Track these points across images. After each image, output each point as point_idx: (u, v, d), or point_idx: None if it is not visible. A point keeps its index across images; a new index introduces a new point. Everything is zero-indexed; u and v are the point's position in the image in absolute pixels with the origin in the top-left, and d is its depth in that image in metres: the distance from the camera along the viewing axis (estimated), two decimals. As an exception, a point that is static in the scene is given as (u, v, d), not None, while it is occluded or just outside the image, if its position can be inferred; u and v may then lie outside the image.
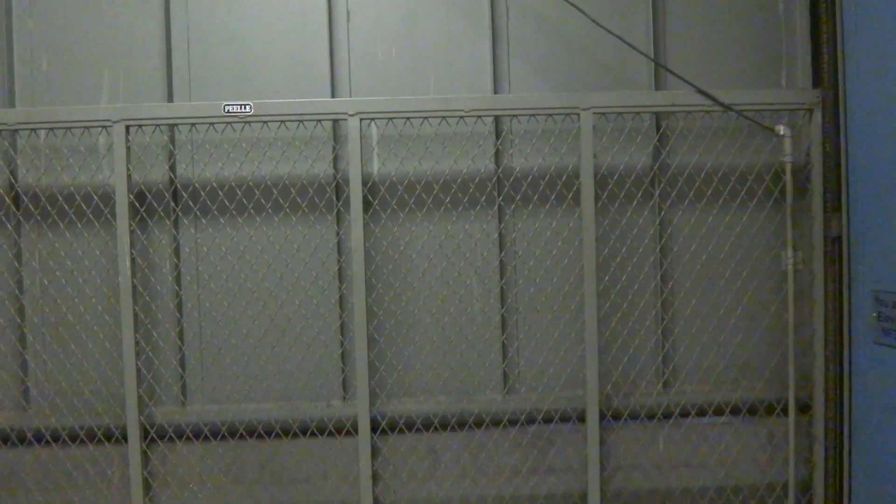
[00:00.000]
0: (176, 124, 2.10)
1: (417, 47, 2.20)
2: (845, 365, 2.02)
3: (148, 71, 2.18)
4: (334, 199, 2.17)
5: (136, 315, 2.04)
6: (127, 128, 2.04)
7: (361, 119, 2.05)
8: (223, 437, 2.16)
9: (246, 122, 2.05)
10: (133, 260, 2.04)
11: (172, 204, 2.16)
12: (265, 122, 2.06)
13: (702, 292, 2.19)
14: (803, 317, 2.11)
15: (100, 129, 2.07)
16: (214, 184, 2.13)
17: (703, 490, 2.19)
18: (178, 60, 2.18)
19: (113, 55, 2.18)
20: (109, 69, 2.18)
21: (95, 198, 2.14)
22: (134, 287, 2.04)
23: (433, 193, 2.16)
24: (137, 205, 2.09)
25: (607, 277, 2.16)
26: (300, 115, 2.05)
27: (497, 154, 2.19)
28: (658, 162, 2.17)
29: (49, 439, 2.15)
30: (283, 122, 2.07)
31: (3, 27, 2.16)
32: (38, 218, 2.13)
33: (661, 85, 2.20)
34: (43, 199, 2.16)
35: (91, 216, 2.13)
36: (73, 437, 2.15)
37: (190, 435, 2.15)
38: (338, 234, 2.16)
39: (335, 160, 2.18)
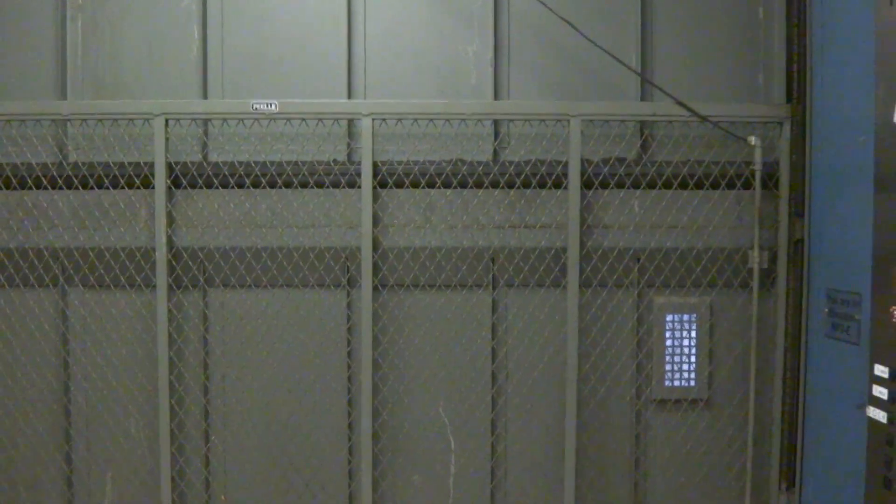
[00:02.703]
0: (209, 118, 2.36)
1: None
2: (802, 356, 2.23)
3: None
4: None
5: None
6: (166, 121, 2.31)
7: (374, 119, 2.30)
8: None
9: (272, 119, 2.31)
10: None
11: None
12: (288, 118, 2.33)
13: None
14: (766, 312, 2.34)
15: (142, 121, 2.33)
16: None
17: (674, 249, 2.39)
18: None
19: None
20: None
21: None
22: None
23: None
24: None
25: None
26: (320, 113, 2.31)
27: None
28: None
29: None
30: (303, 119, 2.33)
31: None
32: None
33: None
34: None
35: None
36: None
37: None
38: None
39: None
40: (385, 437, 2.39)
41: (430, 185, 2.37)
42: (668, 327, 2.39)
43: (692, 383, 2.40)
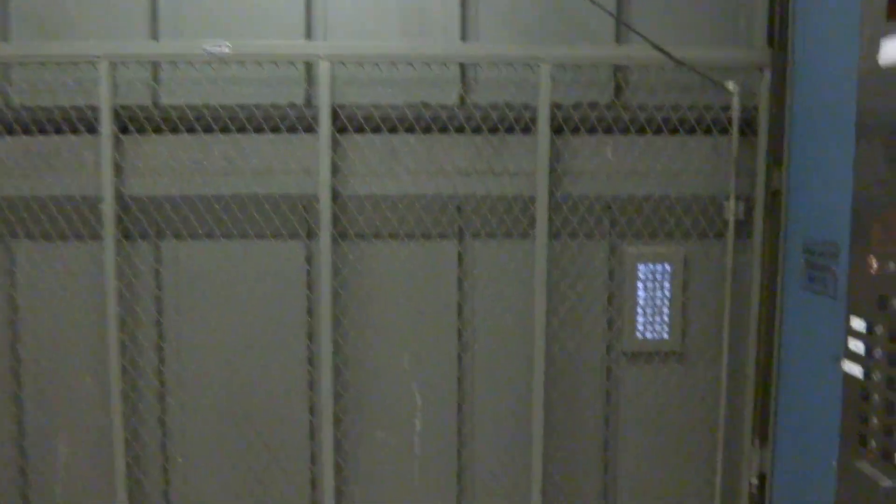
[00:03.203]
0: (157, 61, 2.21)
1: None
2: (777, 309, 2.16)
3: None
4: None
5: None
6: (112, 64, 2.16)
7: (332, 62, 2.17)
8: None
9: (224, 62, 2.17)
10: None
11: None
12: (242, 61, 2.19)
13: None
14: (743, 263, 2.26)
15: (88, 63, 2.18)
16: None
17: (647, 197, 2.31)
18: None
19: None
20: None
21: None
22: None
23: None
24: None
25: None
26: (275, 56, 2.17)
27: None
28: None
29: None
30: (258, 62, 2.19)
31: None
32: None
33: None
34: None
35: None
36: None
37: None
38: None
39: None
40: (348, 395, 2.31)
41: (393, 130, 2.25)
42: (640, 279, 2.31)
43: (665, 336, 2.33)
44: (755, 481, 2.22)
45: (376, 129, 2.25)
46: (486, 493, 2.36)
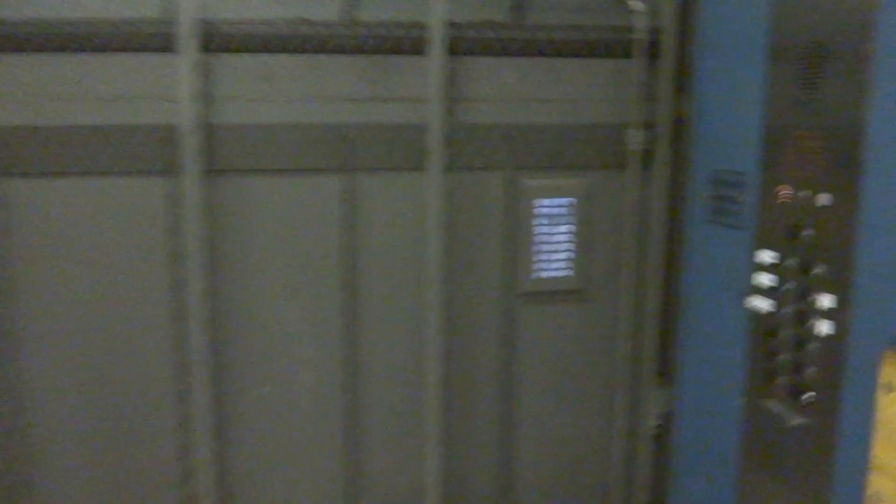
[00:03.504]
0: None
1: None
2: (682, 244, 2.08)
3: None
4: None
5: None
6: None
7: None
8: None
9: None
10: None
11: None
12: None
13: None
14: (646, 197, 2.15)
15: None
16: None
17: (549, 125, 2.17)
18: None
19: None
20: None
21: None
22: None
23: None
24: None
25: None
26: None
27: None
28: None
29: None
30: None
31: None
32: None
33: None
34: None
35: None
36: None
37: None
38: None
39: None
40: (229, 351, 2.07)
41: (268, 49, 1.97)
42: (539, 213, 2.17)
43: (566, 273, 2.21)
44: (658, 422, 2.17)
45: (249, 49, 1.97)
46: (381, 447, 2.20)
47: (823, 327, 1.46)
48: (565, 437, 2.27)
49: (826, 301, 1.46)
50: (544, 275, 2.21)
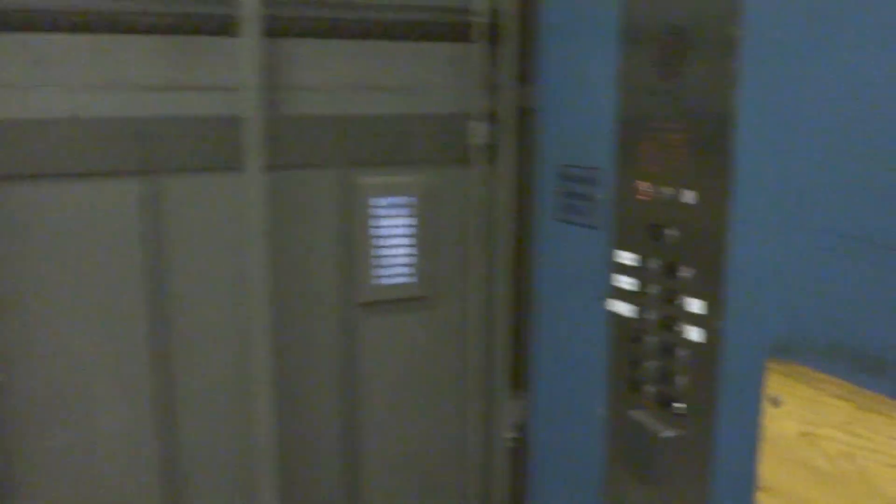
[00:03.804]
0: None
1: None
2: (532, 244, 1.94)
3: None
4: None
5: None
6: None
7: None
8: None
9: None
10: None
11: None
12: None
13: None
14: (492, 195, 2.00)
15: None
16: None
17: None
18: None
19: None
20: None
21: None
22: None
23: None
24: None
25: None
26: None
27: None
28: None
29: None
30: None
31: None
32: None
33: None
34: None
35: None
36: None
37: None
38: None
39: None
40: (6, 394, 1.66)
41: (40, 28, 1.59)
42: (376, 214, 1.95)
43: (408, 279, 2.01)
44: (513, 434, 2.03)
45: (18, 25, 1.57)
46: (207, 497, 1.89)
47: (693, 334, 1.37)
48: (417, 455, 2.08)
49: (694, 306, 1.36)
50: (385, 282, 2.00)
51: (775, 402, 1.13)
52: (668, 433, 1.43)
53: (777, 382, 1.13)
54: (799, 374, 1.10)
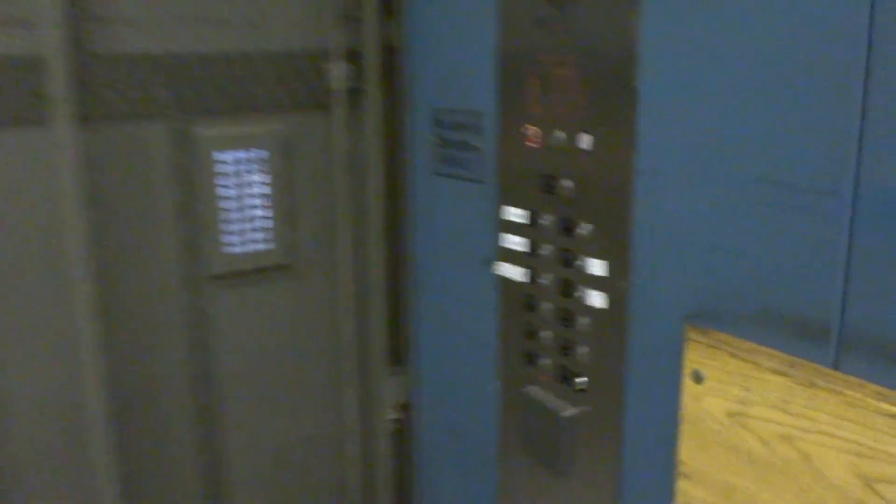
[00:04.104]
0: None
1: None
2: (406, 202, 1.72)
3: None
4: None
5: None
6: None
7: None
8: None
9: None
10: None
11: None
12: None
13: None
14: (357, 146, 1.74)
15: None
16: None
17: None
18: None
19: None
20: None
21: None
22: None
23: None
24: None
25: None
26: None
27: None
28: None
29: None
30: None
31: None
32: None
33: None
34: None
35: None
36: None
37: None
38: None
39: None
40: None
41: None
42: (222, 171, 1.66)
43: (266, 246, 1.74)
44: (395, 414, 1.83)
45: None
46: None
47: (594, 299, 1.20)
48: (288, 446, 1.83)
49: (596, 267, 1.19)
50: (238, 250, 1.71)
51: (697, 378, 0.98)
52: (570, 411, 1.27)
53: (698, 354, 0.98)
54: (724, 343, 0.94)
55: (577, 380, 1.26)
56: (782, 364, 0.88)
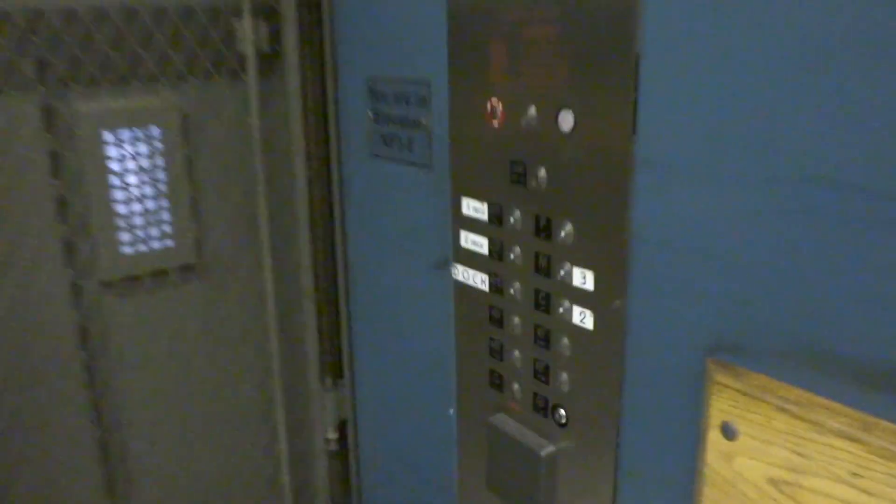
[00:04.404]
0: None
1: None
2: (338, 191, 1.44)
3: None
4: None
5: None
6: None
7: None
8: None
9: None
10: None
11: None
12: None
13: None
14: (276, 123, 1.45)
15: None
16: None
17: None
18: None
19: None
20: None
21: None
22: None
23: None
24: None
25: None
26: None
27: None
28: None
29: None
30: None
31: None
32: None
33: None
34: None
35: None
36: None
37: None
38: None
39: None
40: None
41: None
42: (108, 154, 1.35)
43: (168, 244, 1.44)
44: (333, 436, 1.57)
45: None
46: None
47: (579, 318, 0.97)
48: (210, 477, 1.56)
49: (580, 279, 0.95)
50: (131, 250, 1.42)
51: (728, 433, 0.76)
52: (549, 449, 1.05)
53: (729, 402, 0.76)
54: (765, 390, 0.73)
55: (560, 411, 1.03)
56: (853, 425, 0.66)
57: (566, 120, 0.93)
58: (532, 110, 0.97)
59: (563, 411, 1.02)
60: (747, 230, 0.75)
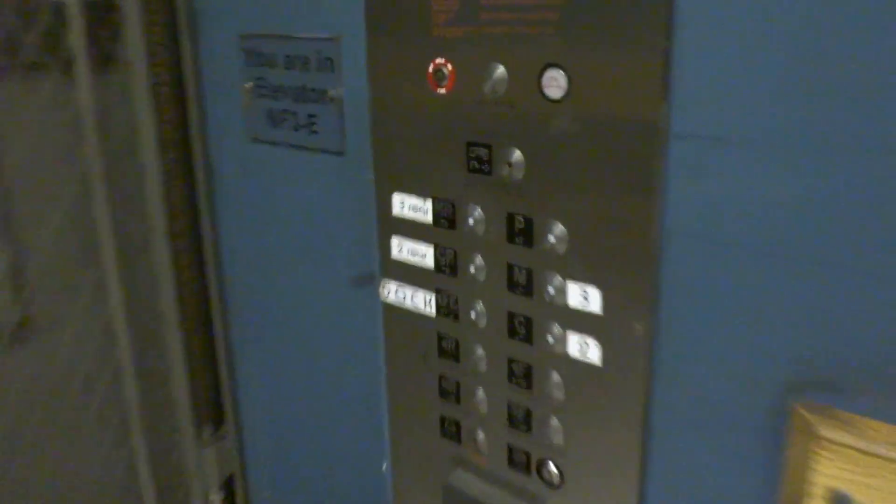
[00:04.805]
0: None
1: None
2: (201, 184, 1.10)
3: None
4: None
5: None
6: None
7: None
8: None
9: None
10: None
11: None
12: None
13: None
14: (113, 100, 1.08)
15: None
16: None
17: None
18: None
19: None
20: None
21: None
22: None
23: None
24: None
25: None
26: None
27: None
28: None
29: None
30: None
31: None
32: None
33: None
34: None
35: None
36: None
37: None
38: None
39: None
40: None
41: None
42: None
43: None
44: (216, 495, 1.23)
45: None
46: None
47: (578, 350, 0.73)
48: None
49: (580, 296, 0.71)
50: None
51: (839, 501, 0.55)
52: (533, 514, 0.81)
53: (838, 464, 0.55)
54: (886, 441, 0.52)
55: (551, 467, 0.79)
56: None
57: (555, 82, 0.67)
58: (500, 71, 0.71)
59: (553, 467, 0.78)
60: (851, 217, 0.53)
